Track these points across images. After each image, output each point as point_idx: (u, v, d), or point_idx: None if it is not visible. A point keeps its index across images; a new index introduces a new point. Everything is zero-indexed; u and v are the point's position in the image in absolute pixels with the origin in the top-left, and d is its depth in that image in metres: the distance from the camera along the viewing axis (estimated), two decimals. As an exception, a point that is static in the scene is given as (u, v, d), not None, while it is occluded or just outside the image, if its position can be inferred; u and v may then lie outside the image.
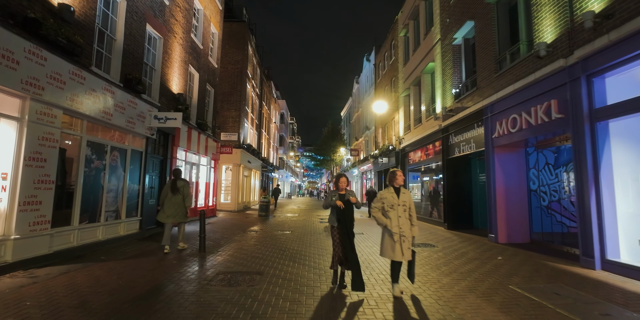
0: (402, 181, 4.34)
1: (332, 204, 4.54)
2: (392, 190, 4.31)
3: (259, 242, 8.38)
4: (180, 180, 6.96)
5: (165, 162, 10.03)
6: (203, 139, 13.07)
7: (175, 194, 6.83)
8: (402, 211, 4.20)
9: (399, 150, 17.51)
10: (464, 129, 10.33)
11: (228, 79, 19.52)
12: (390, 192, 4.31)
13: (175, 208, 6.82)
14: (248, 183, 22.48)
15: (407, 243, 4.13)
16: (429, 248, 7.78)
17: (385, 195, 4.31)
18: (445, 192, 11.62)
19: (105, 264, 5.63)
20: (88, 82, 6.31)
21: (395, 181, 4.34)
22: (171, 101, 10.30)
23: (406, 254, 4.13)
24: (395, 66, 19.09)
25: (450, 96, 11.38)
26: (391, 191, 4.31)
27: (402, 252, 4.10)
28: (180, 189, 6.86)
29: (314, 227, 11.80)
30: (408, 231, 4.19)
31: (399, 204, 4.20)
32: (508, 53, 8.09)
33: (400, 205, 4.20)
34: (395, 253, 4.12)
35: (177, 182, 6.90)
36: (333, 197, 4.58)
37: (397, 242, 4.12)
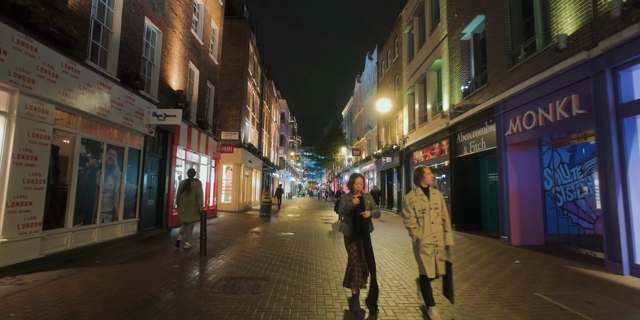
0: (431, 179, 3.67)
1: (350, 206, 3.78)
2: (420, 192, 3.63)
3: (262, 244, 8.04)
4: (194, 181, 7.23)
5: (164, 161, 9.69)
6: (203, 138, 12.73)
7: (188, 193, 7.06)
8: (434, 216, 3.52)
9: (403, 150, 17.18)
10: (474, 127, 10.00)
11: (229, 76, 19.18)
12: (418, 194, 3.62)
13: (186, 207, 7.01)
14: (249, 183, 22.14)
15: (440, 254, 3.48)
16: (440, 251, 7.44)
17: (414, 198, 3.61)
18: (452, 192, 11.29)
19: (100, 269, 5.28)
20: (83, 76, 5.97)
21: (423, 180, 3.65)
22: (171, 98, 9.96)
23: (440, 267, 3.46)
24: (398, 64, 18.76)
25: (458, 93, 11.04)
26: (419, 193, 3.62)
27: (436, 266, 3.45)
28: (193, 189, 7.07)
29: (318, 228, 11.47)
30: (441, 239, 3.51)
31: (431, 207, 3.53)
32: (522, 47, 7.76)
33: (432, 209, 3.53)
34: (429, 268, 3.45)
35: (191, 182, 7.16)
36: (348, 203, 3.84)
37: (432, 255, 3.44)
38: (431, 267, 3.43)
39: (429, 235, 3.49)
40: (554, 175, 7.98)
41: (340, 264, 6.01)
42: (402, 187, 17.15)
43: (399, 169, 18.08)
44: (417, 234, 3.52)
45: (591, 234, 7.20)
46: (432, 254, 3.45)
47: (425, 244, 3.48)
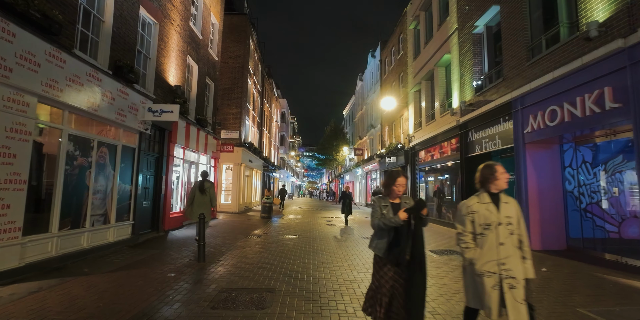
0: (506, 182, 2.61)
1: (392, 223, 2.74)
2: (486, 199, 2.58)
3: (265, 248, 7.52)
4: (207, 182, 7.55)
5: (161, 160, 9.17)
6: (202, 136, 12.21)
7: (203, 194, 7.40)
8: (506, 235, 2.47)
9: (409, 149, 16.66)
10: (487, 124, 9.48)
11: (229, 74, 18.66)
12: (483, 201, 2.58)
13: (199, 207, 7.28)
14: (249, 183, 21.62)
15: (518, 291, 2.39)
16: (455, 255, 6.93)
17: (476, 206, 2.58)
18: (463, 192, 10.77)
19: (86, 279, 4.76)
20: (69, 67, 5.45)
21: (495, 182, 2.57)
22: (168, 94, 9.44)
23: (513, 311, 2.36)
24: (403, 61, 18.24)
25: (470, 89, 10.53)
26: (485, 200, 2.58)
27: (505, 306, 2.39)
28: (208, 190, 7.40)
29: (322, 230, 10.94)
30: (518, 269, 2.44)
31: (500, 221, 2.49)
32: (544, 38, 7.24)
33: (503, 225, 2.48)
34: (489, 305, 2.42)
35: (205, 183, 7.49)
36: (384, 210, 2.85)
37: (494, 290, 2.42)
38: (489, 304, 2.42)
39: (491, 261, 2.45)
40: (576, 175, 7.47)
41: (350, 272, 5.49)
42: (408, 188, 16.62)
43: (404, 168, 17.55)
44: (471, 255, 2.53)
45: (616, 238, 6.71)
46: (494, 286, 2.42)
47: (484, 272, 2.45)
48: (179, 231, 9.88)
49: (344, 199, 12.93)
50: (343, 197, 13.06)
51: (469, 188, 10.64)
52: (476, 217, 2.56)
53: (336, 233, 10.32)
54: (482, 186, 2.67)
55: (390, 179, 2.93)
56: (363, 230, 10.89)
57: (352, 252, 7.28)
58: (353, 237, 9.42)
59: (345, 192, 13.19)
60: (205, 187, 7.42)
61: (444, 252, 7.35)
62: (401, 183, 2.90)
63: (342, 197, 13.12)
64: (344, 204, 12.88)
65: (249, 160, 19.97)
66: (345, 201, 12.85)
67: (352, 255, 6.85)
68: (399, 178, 2.90)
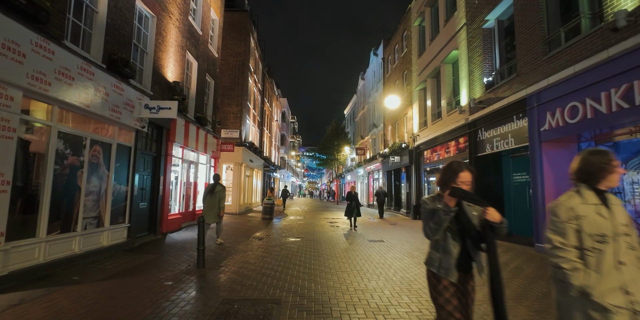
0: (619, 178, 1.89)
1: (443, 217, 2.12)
2: (593, 199, 1.85)
3: (268, 252, 7.13)
4: (218, 185, 7.87)
5: (158, 160, 8.77)
6: (202, 135, 11.82)
7: (212, 196, 7.68)
8: (625, 250, 1.76)
9: (413, 149, 16.28)
10: (499, 122, 9.10)
11: (229, 72, 18.28)
12: (590, 202, 1.84)
13: (209, 208, 7.64)
14: (250, 183, 21.24)
15: None
16: (470, 261, 6.53)
17: (582, 209, 1.82)
18: (473, 193, 10.38)
19: (75, 289, 4.37)
20: (59, 58, 5.06)
21: (610, 176, 1.84)
22: (166, 90, 9.05)
23: None
24: (407, 59, 17.86)
25: (479, 86, 10.15)
26: (592, 200, 1.85)
27: None
28: (217, 193, 7.69)
29: (326, 232, 10.55)
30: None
31: (617, 231, 1.78)
32: (562, 30, 6.86)
33: (622, 235, 1.77)
34: None
35: (216, 186, 7.83)
36: (443, 214, 2.13)
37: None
38: None
39: (614, 289, 1.70)
40: (595, 175, 7.09)
41: (361, 279, 5.10)
42: (412, 188, 16.25)
43: (408, 168, 17.18)
44: (582, 281, 1.74)
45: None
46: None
47: (609, 306, 1.67)
48: (177, 234, 9.49)
49: (350, 201, 11.54)
50: (348, 199, 11.64)
51: (480, 188, 10.26)
52: (584, 224, 1.79)
53: (340, 235, 9.93)
54: (587, 180, 1.88)
55: (450, 173, 2.18)
56: (368, 233, 10.50)
57: (359, 256, 6.89)
58: (359, 240, 9.04)
59: (350, 193, 11.73)
60: (216, 190, 7.72)
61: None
62: (465, 180, 2.14)
63: (348, 198, 11.70)
64: (350, 207, 11.49)
65: (249, 160, 19.58)
66: (351, 203, 11.43)
67: (360, 261, 6.47)
68: (462, 173, 2.14)
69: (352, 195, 11.66)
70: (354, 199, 11.53)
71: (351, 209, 11.45)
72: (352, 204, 11.44)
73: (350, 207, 11.52)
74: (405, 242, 8.76)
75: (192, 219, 11.34)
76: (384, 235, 9.99)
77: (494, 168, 10.32)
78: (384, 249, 7.74)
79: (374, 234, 10.37)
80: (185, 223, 10.53)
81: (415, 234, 10.42)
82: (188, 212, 11.03)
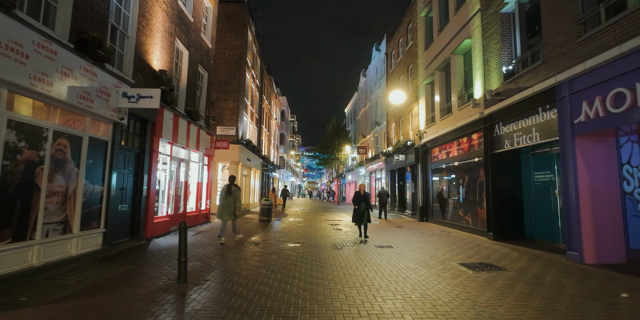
0: None
1: None
2: None
3: (262, 261, 6.23)
4: (233, 186, 8.28)
5: (142, 157, 7.87)
6: (194, 131, 10.92)
7: (228, 196, 8.14)
8: None
9: (419, 146, 15.39)
10: (520, 115, 8.21)
11: (225, 66, 17.40)
12: None
13: (224, 207, 8.10)
14: (247, 183, 20.33)
15: None
16: (496, 272, 5.65)
17: None
18: (489, 194, 9.51)
19: (14, 317, 3.47)
20: (6, 30, 4.16)
21: None
22: (151, 79, 8.15)
23: None
24: (413, 52, 16.98)
25: (497, 76, 9.26)
26: None
27: None
28: (233, 193, 8.13)
29: (328, 236, 9.64)
30: None
31: None
32: (602, 7, 5.97)
33: None
34: None
35: (231, 187, 8.24)
36: None
37: None
38: None
39: None
40: (636, 173, 6.21)
41: (374, 298, 4.20)
42: (418, 188, 15.35)
43: (414, 167, 16.29)
44: None
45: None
46: None
47: None
48: (164, 239, 8.59)
49: (358, 204, 9.21)
50: (357, 201, 9.28)
51: (495, 188, 9.38)
52: None
53: (344, 240, 9.03)
54: None
55: None
56: (374, 237, 9.59)
57: (368, 266, 6.00)
58: (365, 246, 8.14)
59: (359, 194, 9.36)
60: (232, 190, 8.16)
61: (478, 266, 6.07)
62: None
63: (356, 200, 9.31)
64: (358, 212, 9.17)
65: (246, 158, 18.69)
66: (359, 207, 9.15)
67: (370, 272, 5.57)
68: None
69: (362, 196, 9.34)
70: (364, 200, 9.24)
71: (360, 214, 9.15)
72: (362, 207, 9.14)
73: (358, 212, 9.18)
74: (417, 249, 7.87)
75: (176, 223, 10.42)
76: (391, 240, 9.09)
77: (512, 166, 9.45)
78: (394, 257, 6.85)
79: (381, 238, 9.47)
80: (174, 226, 9.64)
81: (425, 238, 9.53)
82: (178, 214, 10.13)
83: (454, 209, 12.38)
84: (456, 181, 12.25)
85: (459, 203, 11.96)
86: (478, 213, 10.57)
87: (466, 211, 11.38)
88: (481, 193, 10.49)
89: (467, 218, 11.21)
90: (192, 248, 7.45)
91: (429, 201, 14.67)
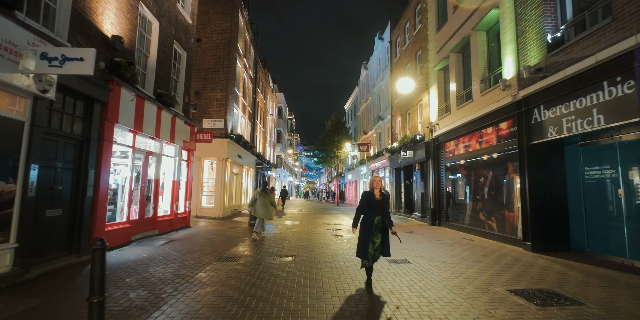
0: None
1: None
2: None
3: (238, 289, 4.44)
4: (268, 189, 9.20)
5: (86, 146, 6.06)
6: (167, 119, 9.11)
7: (265, 197, 8.94)
8: None
9: (430, 141, 13.62)
10: (574, 94, 6.45)
11: (212, 51, 15.59)
12: None
13: (262, 206, 8.83)
14: (239, 183, 18.52)
15: None
16: (571, 307, 3.87)
17: None
18: (524, 195, 7.75)
19: None
20: None
21: None
22: (99, 46, 6.33)
23: None
24: (422, 36, 15.21)
25: (537, 49, 7.49)
26: None
27: None
28: (269, 195, 9.03)
29: (328, 246, 7.83)
30: None
31: None
32: None
33: None
34: None
35: (266, 189, 9.07)
36: None
37: None
38: None
39: None
40: None
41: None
42: (429, 187, 13.57)
43: (424, 164, 14.51)
44: None
45: None
46: None
47: None
48: (120, 251, 6.77)
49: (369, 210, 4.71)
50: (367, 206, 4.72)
51: (533, 187, 7.62)
52: None
53: (348, 251, 7.23)
54: None
55: None
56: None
57: (384, 295, 4.21)
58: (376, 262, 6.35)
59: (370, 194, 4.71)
60: (268, 193, 9.03)
61: (537, 295, 4.27)
62: None
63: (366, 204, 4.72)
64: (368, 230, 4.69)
65: (237, 155, 16.88)
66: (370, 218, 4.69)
67: (389, 309, 3.79)
68: None
69: (376, 200, 4.69)
70: (380, 206, 4.70)
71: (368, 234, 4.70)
72: (376, 222, 4.71)
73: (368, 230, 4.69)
74: (441, 265, 6.09)
75: (151, 227, 8.62)
76: (406, 251, 7.31)
77: (553, 161, 7.70)
78: (416, 280, 5.08)
79: (392, 247, 7.67)
80: (138, 234, 7.84)
81: (446, 248, 7.74)
82: (145, 219, 8.32)
83: (473, 212, 10.61)
84: (476, 179, 10.48)
85: (479, 205, 10.19)
86: (505, 217, 8.82)
87: (489, 215, 9.62)
88: (510, 193, 8.75)
89: (491, 223, 9.45)
90: (150, 265, 5.66)
91: (441, 202, 12.89)
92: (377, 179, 4.87)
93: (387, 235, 4.85)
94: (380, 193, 4.75)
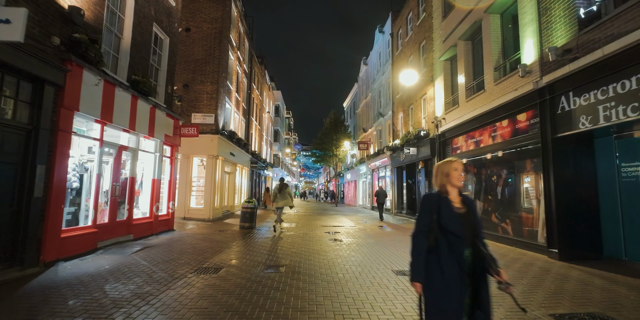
0: None
1: None
2: None
3: (213, 311, 3.47)
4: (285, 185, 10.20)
5: (35, 137, 5.06)
6: (144, 110, 8.12)
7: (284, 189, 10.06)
8: None
9: (436, 137, 12.68)
10: (612, 77, 5.50)
11: (202, 41, 14.60)
12: None
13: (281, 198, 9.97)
14: (231, 182, 17.52)
15: None
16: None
17: None
18: (549, 195, 6.80)
19: None
20: None
21: None
22: (52, 19, 5.33)
23: None
24: (426, 25, 14.26)
25: (565, 28, 6.54)
26: None
27: None
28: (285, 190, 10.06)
29: (325, 253, 6.84)
30: None
31: None
32: None
33: None
34: None
35: (282, 185, 10.11)
36: None
37: None
38: None
39: None
40: None
41: None
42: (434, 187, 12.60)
43: (428, 162, 13.58)
44: None
45: None
46: None
47: None
48: (81, 261, 5.77)
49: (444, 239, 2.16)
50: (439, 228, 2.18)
51: (560, 186, 6.66)
52: None
53: (347, 259, 6.26)
54: None
55: None
56: (388, 252, 6.81)
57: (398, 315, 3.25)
58: (380, 272, 5.38)
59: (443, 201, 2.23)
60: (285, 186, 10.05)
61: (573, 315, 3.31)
62: None
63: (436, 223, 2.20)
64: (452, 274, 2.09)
65: (229, 153, 15.89)
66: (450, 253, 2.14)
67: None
68: None
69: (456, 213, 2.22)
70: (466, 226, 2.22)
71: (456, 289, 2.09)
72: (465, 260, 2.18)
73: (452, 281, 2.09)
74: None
75: (125, 232, 7.62)
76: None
77: (581, 156, 6.75)
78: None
79: (397, 254, 6.72)
80: (107, 240, 6.85)
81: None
82: (117, 222, 7.33)
83: (484, 214, 9.65)
84: (488, 178, 9.53)
85: (491, 206, 9.25)
86: (522, 219, 7.88)
87: (503, 217, 8.68)
88: (528, 193, 7.81)
89: (505, 226, 8.50)
90: (109, 280, 4.67)
91: (448, 203, 11.92)
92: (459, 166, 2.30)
93: (487, 286, 2.20)
94: (462, 198, 2.32)
